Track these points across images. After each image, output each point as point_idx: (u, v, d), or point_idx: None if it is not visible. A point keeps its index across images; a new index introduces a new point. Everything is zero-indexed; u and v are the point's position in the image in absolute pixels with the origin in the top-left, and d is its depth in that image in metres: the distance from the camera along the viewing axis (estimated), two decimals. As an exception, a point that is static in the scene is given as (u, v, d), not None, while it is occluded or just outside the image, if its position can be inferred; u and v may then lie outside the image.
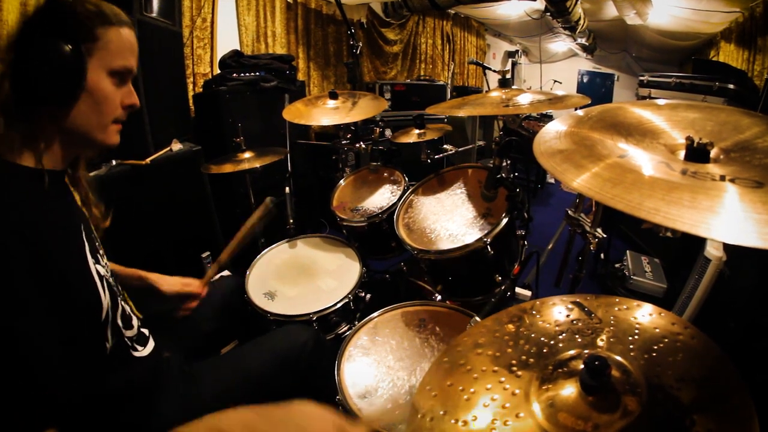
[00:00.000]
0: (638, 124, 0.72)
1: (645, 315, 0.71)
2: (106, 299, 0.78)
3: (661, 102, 0.79)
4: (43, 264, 0.65)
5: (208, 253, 1.89)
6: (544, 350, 0.68)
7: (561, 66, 8.39)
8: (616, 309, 0.73)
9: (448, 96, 4.26)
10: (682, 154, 0.62)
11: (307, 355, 1.07)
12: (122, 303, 0.87)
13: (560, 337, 0.70)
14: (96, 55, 0.71)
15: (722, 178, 0.52)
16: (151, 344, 0.94)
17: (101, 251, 0.84)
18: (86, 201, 0.86)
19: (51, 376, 0.64)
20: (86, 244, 0.77)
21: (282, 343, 1.08)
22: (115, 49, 0.73)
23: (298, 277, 1.55)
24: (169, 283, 1.14)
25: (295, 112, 1.74)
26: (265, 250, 1.69)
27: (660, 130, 0.70)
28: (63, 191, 0.79)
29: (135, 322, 0.92)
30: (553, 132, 0.72)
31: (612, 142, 0.65)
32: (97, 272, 0.78)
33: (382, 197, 1.81)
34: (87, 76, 0.69)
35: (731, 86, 2.77)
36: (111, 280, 0.83)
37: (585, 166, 0.58)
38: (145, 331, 0.95)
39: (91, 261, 0.77)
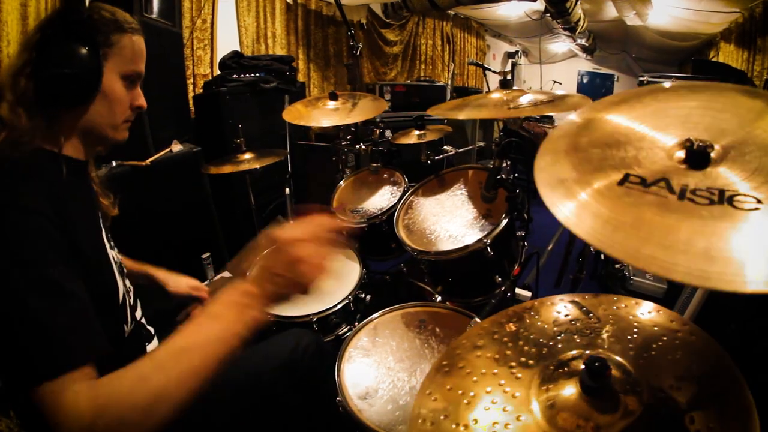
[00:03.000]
0: (630, 132, 0.67)
1: (644, 313, 0.71)
2: (120, 284, 0.81)
3: (666, 84, 0.71)
4: (71, 239, 0.67)
5: (208, 254, 1.89)
6: (544, 351, 0.68)
7: (561, 67, 8.39)
8: (614, 308, 0.73)
9: (448, 97, 4.26)
10: (681, 154, 0.59)
11: (309, 358, 1.06)
12: (132, 293, 0.90)
13: (559, 337, 0.70)
14: (111, 60, 0.75)
15: (721, 195, 0.48)
16: (155, 341, 0.95)
17: (112, 242, 0.88)
18: (96, 191, 0.90)
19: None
20: (102, 229, 0.82)
21: (284, 348, 1.06)
22: (128, 55, 0.78)
23: (298, 278, 1.54)
24: (177, 284, 1.15)
25: (295, 113, 1.74)
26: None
27: (658, 132, 0.67)
28: (84, 179, 0.84)
29: (139, 313, 0.93)
30: (549, 158, 0.64)
31: (609, 162, 0.58)
32: (112, 257, 0.82)
33: (382, 198, 1.81)
34: (102, 80, 0.73)
35: (731, 86, 2.77)
36: (123, 269, 0.87)
37: (586, 207, 0.52)
38: (151, 329, 0.96)
39: (107, 245, 0.81)
